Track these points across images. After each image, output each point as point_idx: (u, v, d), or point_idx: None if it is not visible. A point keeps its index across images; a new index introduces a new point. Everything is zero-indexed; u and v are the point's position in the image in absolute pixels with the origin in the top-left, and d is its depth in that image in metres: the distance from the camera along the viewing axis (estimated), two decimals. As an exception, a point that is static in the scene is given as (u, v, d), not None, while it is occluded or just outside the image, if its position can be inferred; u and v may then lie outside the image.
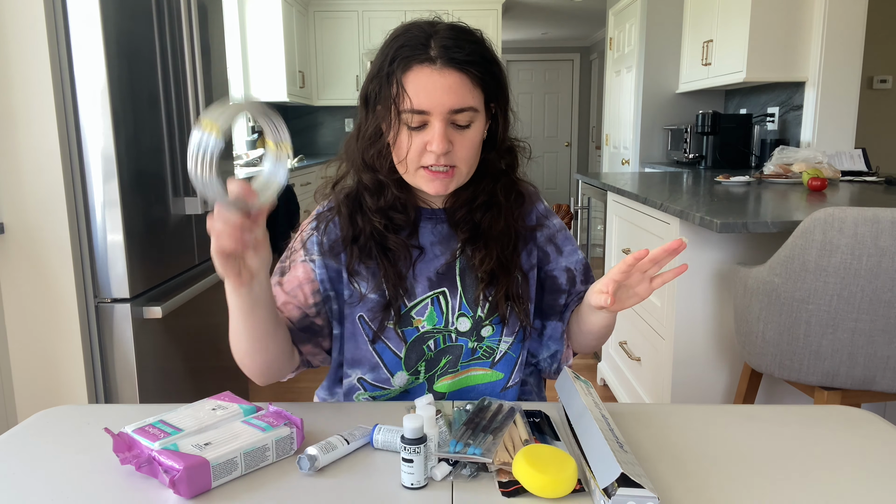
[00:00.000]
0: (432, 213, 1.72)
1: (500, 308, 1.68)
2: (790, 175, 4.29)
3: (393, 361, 1.69)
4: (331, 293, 1.69)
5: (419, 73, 1.52)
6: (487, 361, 1.73)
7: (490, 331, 1.70)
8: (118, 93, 2.81)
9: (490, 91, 1.59)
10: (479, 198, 1.68)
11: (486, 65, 1.57)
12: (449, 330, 1.68)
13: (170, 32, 3.24)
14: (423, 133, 1.53)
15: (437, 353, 1.69)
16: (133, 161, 2.91)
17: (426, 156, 1.54)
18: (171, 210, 3.25)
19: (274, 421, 1.29)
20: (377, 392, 1.72)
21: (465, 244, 1.69)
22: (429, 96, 1.50)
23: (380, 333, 1.67)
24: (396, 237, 1.66)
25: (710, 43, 6.28)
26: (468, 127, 1.54)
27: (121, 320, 2.92)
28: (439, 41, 1.53)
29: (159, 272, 3.16)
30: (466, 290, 1.69)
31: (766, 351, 2.52)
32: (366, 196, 1.67)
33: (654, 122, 7.48)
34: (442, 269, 1.69)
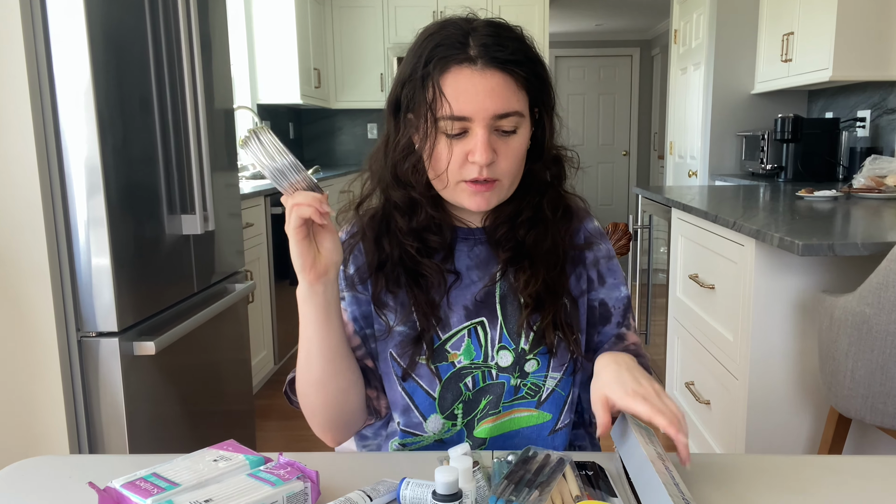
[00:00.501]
0: (469, 234, 1.73)
1: (548, 337, 1.67)
2: (884, 189, 4.26)
3: (426, 403, 1.68)
4: (367, 331, 1.71)
5: (458, 75, 1.52)
6: (533, 401, 1.72)
7: (535, 365, 1.69)
8: (104, 94, 2.81)
9: (535, 93, 1.60)
10: (522, 213, 1.68)
11: (530, 64, 1.57)
12: (489, 365, 1.68)
13: (164, 24, 3.24)
14: (464, 142, 1.53)
15: (476, 392, 1.68)
16: (122, 173, 2.90)
17: (467, 168, 1.54)
18: (167, 229, 3.25)
19: (285, 474, 1.29)
20: (408, 439, 1.72)
21: (506, 265, 1.69)
22: (470, 100, 1.51)
23: (410, 370, 1.66)
24: (429, 261, 1.66)
25: (790, 36, 6.25)
26: (513, 134, 1.55)
27: (108, 357, 2.92)
28: (479, 39, 1.54)
29: (152, 302, 3.16)
30: (508, 319, 1.69)
31: (855, 393, 2.50)
32: (396, 216, 1.68)
33: (726, 128, 7.46)
34: (480, 295, 1.69)
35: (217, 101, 3.77)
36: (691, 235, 4.05)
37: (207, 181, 3.46)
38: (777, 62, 6.58)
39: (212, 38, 3.71)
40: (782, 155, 6.22)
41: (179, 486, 1.23)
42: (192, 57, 3.35)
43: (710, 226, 3.65)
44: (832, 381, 2.61)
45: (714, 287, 3.63)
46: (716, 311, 3.64)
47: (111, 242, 2.83)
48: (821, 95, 6.94)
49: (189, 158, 3.38)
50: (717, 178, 7.18)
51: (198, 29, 3.38)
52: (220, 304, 3.65)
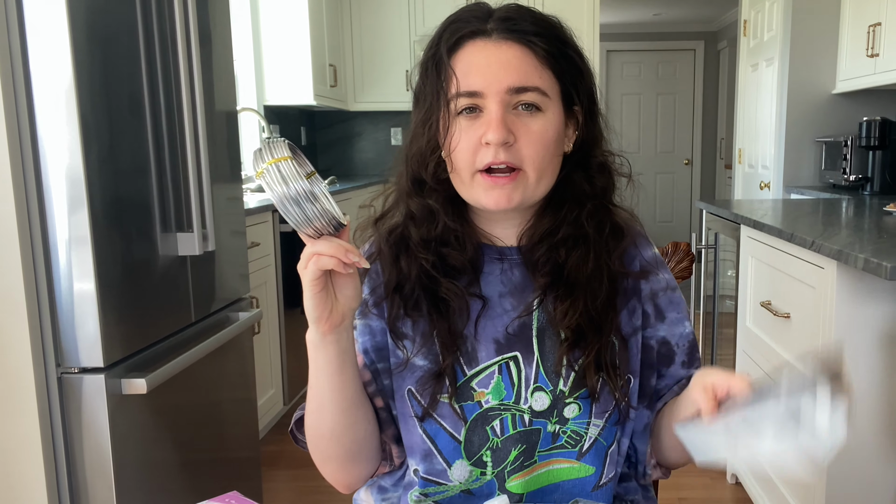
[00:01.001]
0: (500, 254, 1.72)
1: (589, 379, 1.65)
2: None
3: (450, 447, 1.67)
4: (379, 365, 1.70)
5: (471, 49, 1.55)
6: (574, 451, 1.69)
7: (576, 410, 1.67)
8: (89, 94, 2.80)
9: (567, 79, 1.60)
10: (561, 229, 1.66)
11: (558, 44, 1.58)
12: (521, 409, 1.66)
13: (158, 15, 3.23)
14: (477, 123, 1.54)
15: (506, 440, 1.67)
16: (109, 185, 2.90)
17: (482, 152, 1.54)
18: (160, 250, 3.25)
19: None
20: (431, 488, 1.70)
21: (544, 292, 1.67)
22: (481, 73, 1.52)
23: (431, 409, 1.65)
24: (448, 282, 1.64)
25: (877, 27, 6.20)
26: (536, 115, 1.54)
27: (92, 397, 2.91)
28: (500, 14, 1.56)
29: (143, 333, 3.16)
30: (545, 356, 1.67)
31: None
32: (411, 228, 1.68)
33: (803, 133, 7.43)
34: (514, 327, 1.67)
35: (218, 102, 3.77)
36: (763, 257, 4.03)
37: (207, 194, 3.44)
38: (862, 57, 6.53)
39: (212, 30, 3.71)
40: (868, 164, 6.20)
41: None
42: (190, 52, 3.34)
43: (784, 245, 3.62)
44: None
45: (789, 316, 3.61)
46: (792, 344, 3.62)
47: (96, 265, 2.81)
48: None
49: (186, 168, 3.36)
50: (793, 191, 7.16)
51: (196, 21, 3.36)
52: (221, 335, 3.63)
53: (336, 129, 9.70)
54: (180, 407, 3.43)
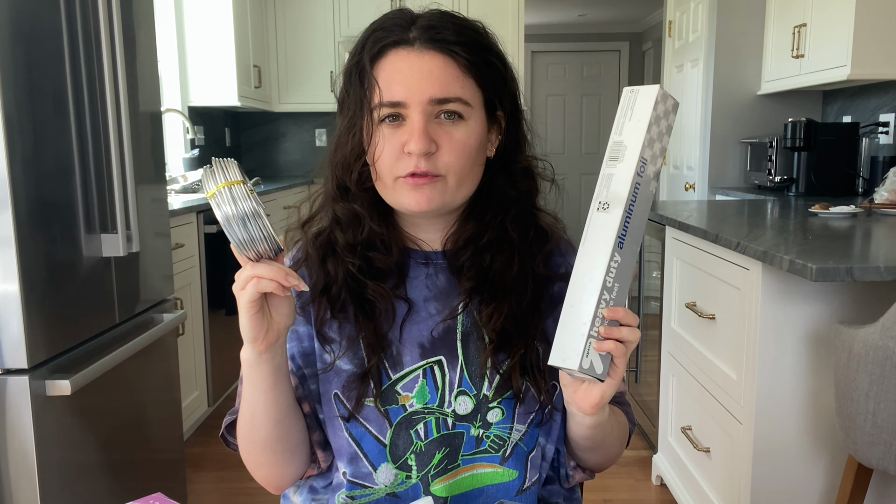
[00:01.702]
0: (426, 258, 1.73)
1: (514, 382, 1.67)
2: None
3: (375, 450, 1.68)
4: (306, 371, 1.71)
5: (394, 58, 1.56)
6: (497, 455, 1.71)
7: (499, 415, 1.69)
8: (12, 94, 2.79)
9: (490, 87, 1.62)
10: (485, 234, 1.68)
11: (480, 51, 1.60)
12: (444, 412, 1.68)
13: (82, 15, 3.22)
14: (400, 132, 1.55)
15: (430, 443, 1.68)
16: (32, 186, 2.89)
17: (403, 160, 1.55)
18: (84, 251, 3.24)
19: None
20: (357, 491, 1.71)
21: (469, 296, 1.69)
22: (404, 83, 1.54)
23: (356, 412, 1.66)
24: (376, 285, 1.66)
25: (802, 28, 6.26)
26: (458, 124, 1.56)
27: (16, 398, 2.90)
28: (422, 22, 1.58)
29: (68, 334, 3.15)
30: (469, 360, 1.69)
31: (877, 439, 2.52)
32: (337, 232, 1.69)
33: (729, 135, 7.48)
34: (438, 331, 1.69)
35: (142, 102, 3.76)
36: (688, 258, 4.05)
37: (131, 195, 3.43)
38: (787, 59, 6.58)
39: (136, 31, 3.71)
40: (793, 165, 6.25)
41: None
42: (114, 53, 3.33)
43: (709, 247, 3.65)
44: (850, 425, 2.62)
45: (714, 317, 3.64)
46: (717, 346, 3.65)
47: (20, 266, 2.81)
48: (837, 97, 6.97)
49: (110, 169, 3.35)
50: (718, 192, 7.19)
51: (120, 21, 3.35)
52: (145, 336, 3.62)
53: (260, 130, 9.73)
54: (105, 408, 3.42)
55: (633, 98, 1.38)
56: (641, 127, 1.35)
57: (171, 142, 7.30)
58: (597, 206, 1.39)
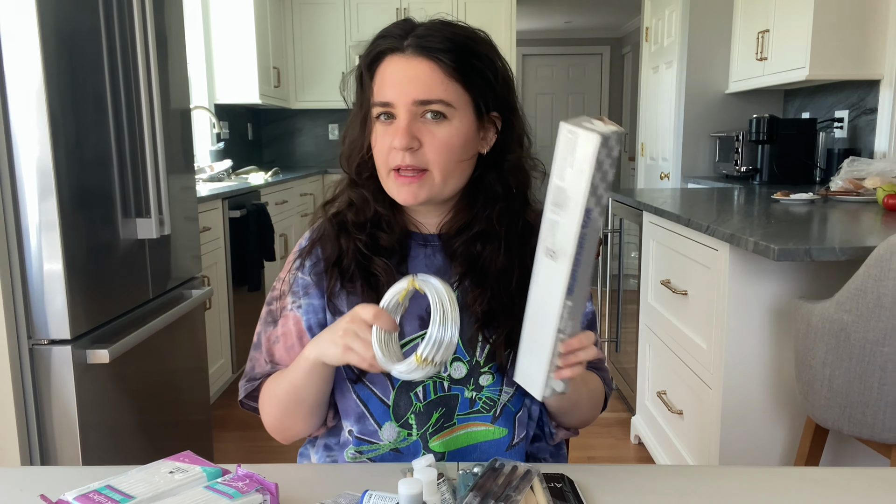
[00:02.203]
0: (425, 240, 1.75)
1: (499, 356, 1.69)
2: (862, 191, 4.28)
3: (380, 410, 1.70)
4: None
5: (388, 64, 1.60)
6: (488, 415, 1.73)
7: (490, 379, 1.71)
8: (57, 93, 2.80)
9: (476, 90, 1.63)
10: (475, 225, 1.71)
11: (467, 58, 1.61)
12: (441, 377, 1.70)
13: (119, 22, 3.23)
14: (390, 129, 1.58)
15: (428, 404, 1.70)
16: (75, 175, 2.90)
17: (392, 155, 1.59)
18: (121, 234, 3.25)
19: (243, 486, 1.29)
20: (364, 447, 1.73)
21: (461, 279, 1.71)
22: (392, 86, 1.57)
23: (363, 376, 1.69)
24: (381, 260, 1.68)
25: (766, 34, 6.26)
26: (441, 123, 1.58)
27: (60, 365, 2.91)
28: (418, 31, 1.60)
29: (106, 308, 3.16)
30: (463, 330, 1.65)
31: (833, 402, 2.51)
32: (349, 213, 1.72)
33: (699, 129, 7.48)
34: None
35: (173, 100, 3.76)
36: (663, 240, 4.06)
37: (163, 184, 3.45)
38: (752, 61, 6.59)
39: (168, 35, 3.70)
40: (757, 157, 6.24)
41: (134, 498, 1.23)
42: (148, 55, 3.34)
43: (682, 230, 3.66)
44: (809, 390, 2.62)
45: (687, 293, 3.65)
46: (688, 318, 3.66)
47: (64, 247, 2.82)
48: (797, 95, 6.98)
49: (144, 160, 3.37)
50: (690, 181, 7.21)
51: (153, 26, 3.36)
52: (176, 310, 3.64)
53: (279, 126, 9.73)
54: (139, 375, 3.42)
55: (574, 142, 1.29)
56: (584, 178, 1.28)
57: (199, 136, 7.28)
58: (544, 251, 1.36)
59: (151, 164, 3.38)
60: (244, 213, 5.71)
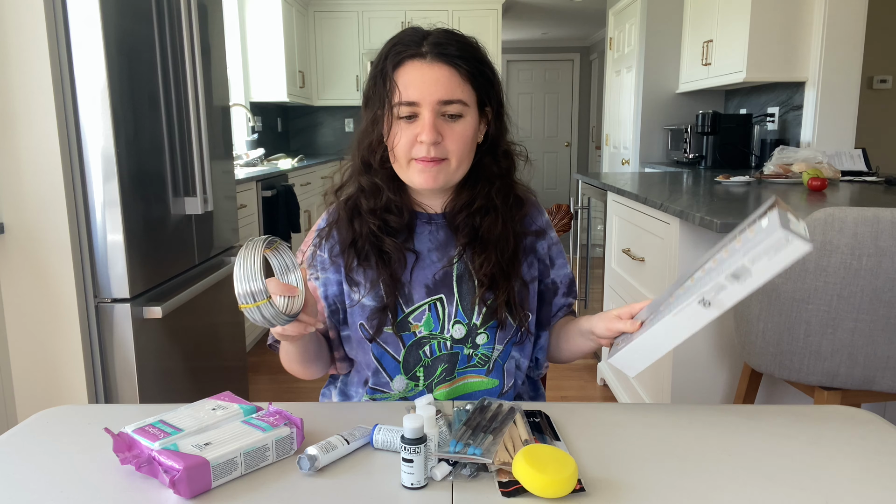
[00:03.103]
0: (430, 219, 1.75)
1: (499, 314, 1.70)
2: (790, 175, 4.29)
3: (392, 365, 1.72)
4: (337, 306, 1.75)
5: (410, 68, 1.58)
6: (483, 369, 1.75)
7: (485, 338, 1.72)
8: (118, 93, 2.81)
9: (482, 91, 1.64)
10: (476, 201, 1.71)
11: (476, 64, 1.62)
12: (445, 337, 1.70)
13: (170, 32, 3.24)
14: (414, 125, 1.58)
15: (434, 360, 1.72)
16: (133, 161, 2.91)
17: (417, 147, 1.58)
18: (171, 210, 3.26)
19: (274, 421, 1.29)
20: (377, 395, 1.75)
21: (464, 248, 1.71)
22: (418, 88, 1.56)
23: (377, 336, 1.69)
24: (391, 240, 1.68)
25: (710, 43, 6.28)
26: (459, 119, 1.59)
27: (121, 320, 2.93)
28: (432, 40, 1.59)
29: (159, 272, 3.17)
30: (463, 297, 1.71)
31: (765, 351, 2.51)
32: (362, 199, 1.71)
33: (654, 122, 7.48)
34: (439, 275, 1.71)
35: (215, 98, 3.78)
36: (624, 215, 4.05)
37: (207, 168, 3.47)
38: (698, 66, 6.60)
39: (211, 44, 3.71)
40: (703, 146, 6.23)
41: (183, 431, 1.23)
42: (194, 60, 3.36)
43: (640, 207, 3.65)
44: (746, 340, 2.62)
45: (644, 260, 3.64)
46: (645, 280, 3.66)
47: (124, 221, 2.84)
48: (736, 94, 6.97)
49: (191, 148, 3.39)
50: (647, 166, 7.22)
51: (199, 36, 3.39)
52: (217, 274, 3.67)
53: (304, 120, 9.71)
54: (187, 328, 3.45)
55: (784, 244, 1.22)
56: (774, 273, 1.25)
57: (237, 128, 7.30)
58: (699, 298, 1.33)
59: (197, 151, 3.40)
60: (274, 193, 5.70)
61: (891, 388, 2.41)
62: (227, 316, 4.01)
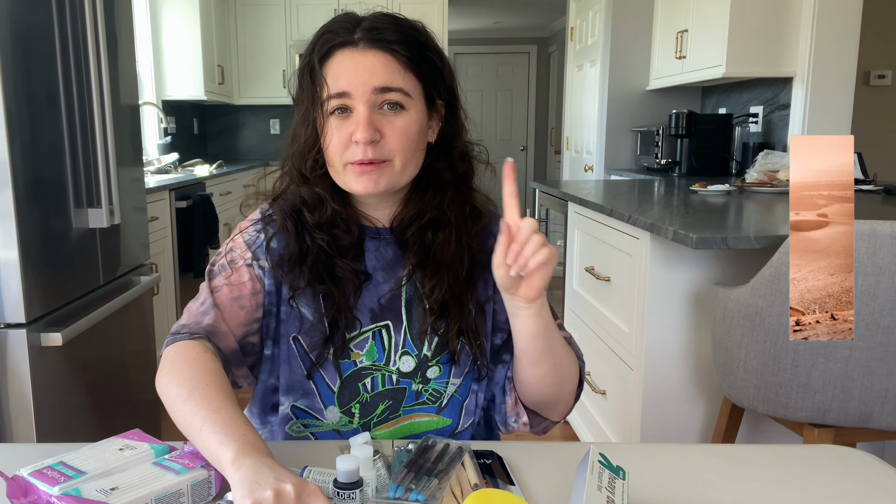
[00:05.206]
0: (377, 233, 1.71)
1: (451, 345, 1.66)
2: (776, 183, 4.32)
3: (326, 393, 1.68)
4: (273, 308, 1.67)
5: (340, 57, 1.55)
6: (433, 406, 1.71)
7: (437, 372, 1.69)
8: (12, 90, 2.79)
9: (429, 80, 1.61)
10: (426, 213, 1.67)
11: (420, 49, 1.59)
12: (390, 370, 1.67)
13: (71, 21, 3.22)
14: (347, 123, 1.54)
15: (375, 396, 1.68)
16: (30, 167, 2.88)
17: (352, 149, 1.54)
18: (73, 223, 3.24)
19: (189, 462, 1.29)
20: (309, 420, 1.70)
21: (414, 269, 1.68)
22: (349, 77, 1.52)
23: (318, 366, 1.65)
24: (342, 262, 1.64)
25: (684, 33, 6.31)
26: (400, 113, 1.55)
27: (16, 348, 2.90)
28: (366, 24, 1.56)
29: (59, 294, 3.15)
30: (412, 324, 1.68)
31: (748, 383, 2.54)
32: (305, 212, 1.66)
33: (622, 124, 7.51)
34: (385, 299, 1.68)
35: (123, 96, 3.77)
36: (587, 229, 4.07)
37: (113, 176, 3.44)
38: (671, 59, 6.64)
39: (118, 34, 3.70)
40: (676, 150, 6.28)
41: (86, 474, 1.23)
42: (99, 53, 3.33)
43: (605, 219, 3.67)
44: (725, 371, 2.64)
45: (610, 279, 3.66)
46: (611, 303, 3.67)
47: (19, 235, 2.81)
48: (714, 92, 7.04)
49: (96, 153, 3.36)
50: (613, 173, 7.24)
51: (104, 26, 3.36)
52: (125, 295, 3.64)
53: (223, 121, 9.72)
54: (91, 357, 3.42)
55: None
56: None
57: (148, 130, 7.31)
58: None
59: (102, 156, 3.37)
60: (190, 204, 5.69)
61: (890, 426, 2.43)
62: (136, 343, 3.99)
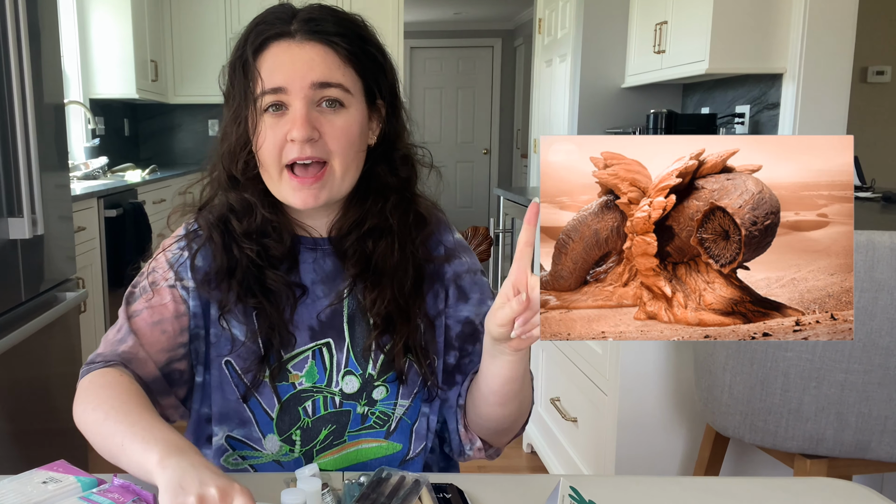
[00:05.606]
0: (314, 244, 1.72)
1: (398, 363, 1.66)
2: (763, 189, 4.32)
3: (264, 420, 1.68)
4: (200, 331, 1.67)
5: (276, 50, 1.55)
6: (381, 431, 1.71)
7: (384, 392, 1.69)
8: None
9: (369, 77, 1.62)
10: (367, 221, 1.67)
11: (360, 43, 1.60)
12: (332, 391, 1.67)
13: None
14: (283, 121, 1.54)
15: (316, 420, 1.68)
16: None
17: (288, 148, 1.54)
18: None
19: (120, 497, 1.28)
20: (247, 451, 1.70)
21: (354, 281, 1.68)
22: (285, 72, 1.53)
23: (253, 389, 1.65)
24: (274, 273, 1.64)
25: (663, 25, 6.29)
26: (339, 111, 1.55)
27: (-73, 372, 2.87)
28: (303, 16, 1.57)
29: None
30: (355, 341, 1.68)
31: (733, 409, 2.54)
32: (233, 220, 1.66)
33: (595, 125, 7.49)
34: (326, 314, 1.68)
35: (46, 95, 3.74)
36: (558, 239, 4.02)
37: (36, 182, 3.41)
38: (649, 54, 6.61)
39: (41, 28, 3.67)
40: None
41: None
42: (20, 48, 3.30)
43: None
44: (708, 396, 2.64)
45: (581, 292, 3.63)
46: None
47: (-69, 248, 2.77)
48: (696, 89, 7.03)
49: (16, 157, 3.33)
50: (585, 178, 7.19)
51: (25, 18, 3.33)
52: (49, 313, 3.61)
53: (157, 121, 9.66)
54: (11, 381, 3.40)
55: None
56: None
57: (74, 132, 7.24)
58: None
59: (24, 161, 3.35)
60: (120, 213, 5.67)
61: (889, 457, 2.43)
62: (61, 366, 3.96)
